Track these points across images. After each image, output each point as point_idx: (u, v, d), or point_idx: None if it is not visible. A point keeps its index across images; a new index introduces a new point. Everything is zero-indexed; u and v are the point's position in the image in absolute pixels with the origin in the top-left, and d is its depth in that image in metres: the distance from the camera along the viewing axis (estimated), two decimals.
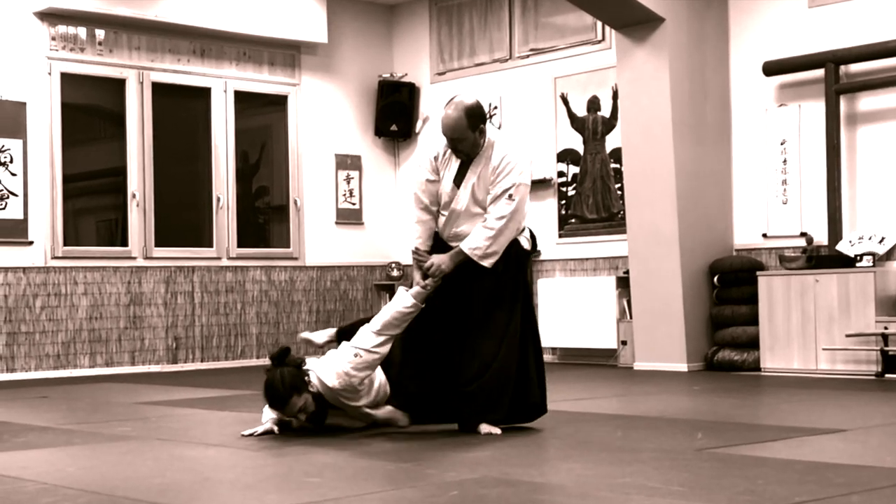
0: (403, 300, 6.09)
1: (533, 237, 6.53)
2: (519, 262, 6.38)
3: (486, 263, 6.14)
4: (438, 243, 6.36)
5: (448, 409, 6.32)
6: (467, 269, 6.16)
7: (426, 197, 6.32)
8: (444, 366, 6.29)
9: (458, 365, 6.25)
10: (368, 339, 6.07)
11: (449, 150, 6.26)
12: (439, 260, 6.16)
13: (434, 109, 13.48)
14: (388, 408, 6.23)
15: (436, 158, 6.31)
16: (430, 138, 6.43)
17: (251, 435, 6.17)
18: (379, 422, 6.21)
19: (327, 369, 6.06)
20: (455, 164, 6.27)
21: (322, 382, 6.05)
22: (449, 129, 6.13)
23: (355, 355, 6.03)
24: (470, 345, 6.22)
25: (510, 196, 6.14)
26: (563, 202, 12.18)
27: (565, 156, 12.19)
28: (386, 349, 6.08)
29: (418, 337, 6.23)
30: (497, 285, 6.24)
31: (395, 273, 13.46)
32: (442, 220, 6.34)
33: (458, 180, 6.24)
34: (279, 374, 6.02)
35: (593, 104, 11.98)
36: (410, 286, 6.19)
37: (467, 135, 6.12)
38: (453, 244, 6.26)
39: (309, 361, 6.17)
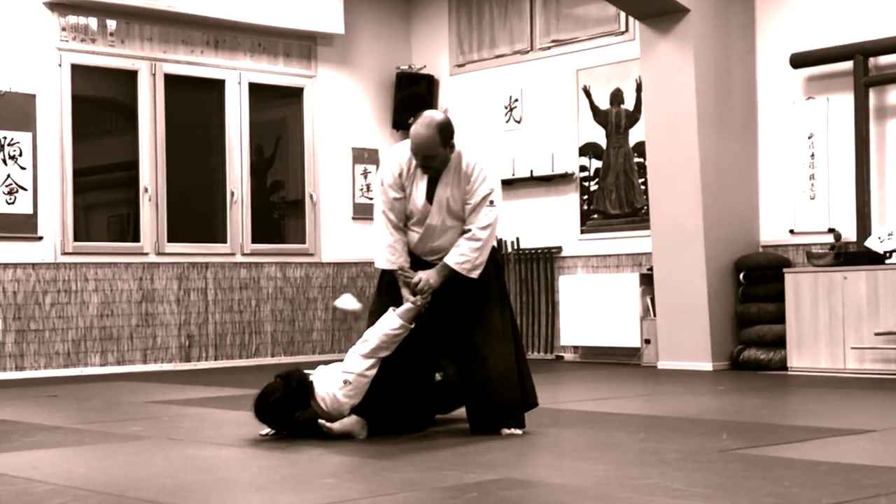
0: (391, 322, 6.08)
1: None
2: (495, 261, 6.47)
3: (475, 275, 6.21)
4: (413, 259, 6.36)
5: (415, 419, 6.37)
6: (455, 279, 6.20)
7: (394, 215, 6.28)
8: (419, 377, 6.33)
9: (466, 373, 6.31)
10: (357, 363, 6.08)
11: (413, 165, 6.23)
12: (427, 276, 6.17)
13: (453, 102, 13.48)
14: (347, 420, 6.15)
15: (400, 175, 6.26)
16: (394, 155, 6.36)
17: (267, 435, 6.21)
18: (333, 434, 6.11)
19: (319, 386, 6.10)
20: (423, 179, 6.24)
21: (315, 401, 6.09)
22: (422, 148, 6.11)
23: (345, 381, 6.05)
24: (473, 351, 6.28)
25: (491, 202, 6.21)
26: (586, 197, 12.17)
27: (588, 150, 12.17)
28: (374, 372, 6.09)
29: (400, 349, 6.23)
30: (487, 288, 6.34)
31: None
32: (415, 236, 6.32)
33: (430, 196, 6.24)
34: (282, 397, 6.07)
35: (616, 97, 11.97)
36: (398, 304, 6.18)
37: (439, 151, 6.12)
38: (429, 258, 6.30)
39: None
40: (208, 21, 12.35)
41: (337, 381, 6.06)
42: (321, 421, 6.04)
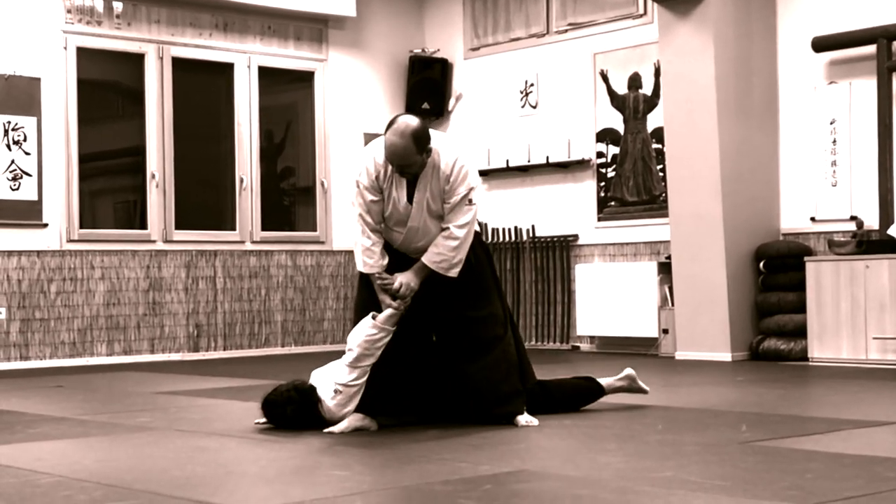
0: (370, 330, 6.09)
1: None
2: (484, 248, 6.57)
3: (453, 274, 6.25)
4: (396, 258, 6.38)
5: (415, 410, 6.42)
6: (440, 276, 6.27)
7: (371, 218, 6.27)
8: (420, 371, 6.39)
9: (472, 365, 6.35)
10: (344, 374, 6.11)
11: (390, 169, 6.24)
12: (406, 279, 6.20)
13: (468, 86, 13.47)
14: (350, 419, 6.17)
15: (377, 177, 6.24)
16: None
17: (263, 423, 6.28)
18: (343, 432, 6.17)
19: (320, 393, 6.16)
20: (402, 181, 6.24)
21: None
22: (398, 157, 6.11)
23: (335, 391, 6.09)
24: (476, 342, 6.35)
25: (470, 201, 6.23)
26: (603, 184, 12.16)
27: (605, 135, 12.16)
28: (363, 380, 6.11)
29: (394, 346, 6.26)
30: (480, 277, 6.42)
31: None
32: (398, 236, 6.34)
33: (410, 197, 6.25)
34: (297, 409, 6.14)
35: (634, 81, 11.94)
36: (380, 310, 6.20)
37: (415, 159, 6.12)
38: (414, 256, 6.32)
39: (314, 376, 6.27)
40: (217, 3, 12.36)
41: (328, 391, 6.11)
42: (326, 429, 6.06)
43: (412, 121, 6.16)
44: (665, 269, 11.23)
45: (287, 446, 5.64)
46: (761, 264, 10.64)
